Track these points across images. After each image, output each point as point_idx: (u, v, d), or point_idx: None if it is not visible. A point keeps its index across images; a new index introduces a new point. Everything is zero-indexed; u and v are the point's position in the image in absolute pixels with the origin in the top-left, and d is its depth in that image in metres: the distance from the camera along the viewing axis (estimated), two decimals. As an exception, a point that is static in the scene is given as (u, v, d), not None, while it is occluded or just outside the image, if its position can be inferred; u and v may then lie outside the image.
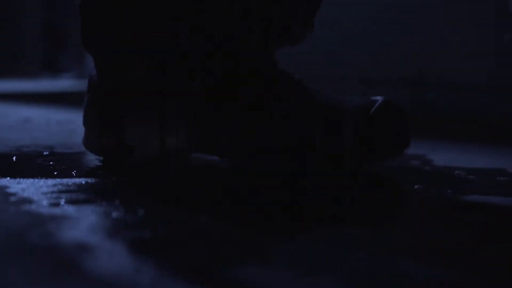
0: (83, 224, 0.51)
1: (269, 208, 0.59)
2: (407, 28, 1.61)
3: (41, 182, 0.66)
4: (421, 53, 1.59)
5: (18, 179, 0.68)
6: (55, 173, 0.72)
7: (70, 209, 0.55)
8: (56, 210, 0.55)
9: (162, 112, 0.75)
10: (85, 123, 0.78)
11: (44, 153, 0.86)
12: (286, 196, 0.65)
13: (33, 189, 0.63)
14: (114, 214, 0.54)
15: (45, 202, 0.58)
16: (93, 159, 0.82)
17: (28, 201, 0.58)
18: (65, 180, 0.67)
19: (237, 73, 0.75)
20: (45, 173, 0.71)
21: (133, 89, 0.75)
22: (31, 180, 0.67)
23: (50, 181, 0.67)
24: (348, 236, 0.51)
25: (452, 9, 1.54)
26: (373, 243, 0.49)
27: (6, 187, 0.64)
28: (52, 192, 0.62)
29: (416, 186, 0.70)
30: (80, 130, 0.81)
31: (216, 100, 0.75)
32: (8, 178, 0.68)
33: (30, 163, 0.79)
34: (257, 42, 0.76)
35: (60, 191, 0.62)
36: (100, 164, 0.79)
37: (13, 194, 0.61)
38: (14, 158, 0.82)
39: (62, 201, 0.58)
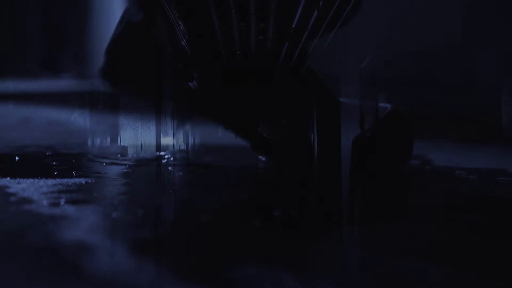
0: (83, 224, 0.51)
1: (269, 208, 0.59)
2: (408, 28, 1.61)
3: (41, 182, 0.66)
4: (422, 53, 1.59)
5: (18, 179, 0.68)
6: (55, 173, 0.72)
7: (70, 209, 0.55)
8: (56, 210, 0.55)
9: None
10: (108, 51, 0.77)
11: (47, 153, 0.86)
12: (286, 196, 0.65)
13: (33, 189, 0.63)
14: (114, 214, 0.54)
15: (45, 202, 0.58)
16: (93, 159, 0.82)
17: (28, 201, 0.58)
18: (65, 180, 0.67)
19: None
20: (45, 173, 0.71)
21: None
22: (31, 180, 0.67)
23: (50, 181, 0.67)
24: (348, 236, 0.51)
25: (452, 9, 1.54)
26: (373, 243, 0.49)
27: (6, 187, 0.64)
28: (52, 192, 0.62)
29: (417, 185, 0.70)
30: (80, 131, 0.81)
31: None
32: (8, 178, 0.68)
33: (30, 163, 0.79)
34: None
35: (60, 191, 0.62)
36: (100, 164, 0.79)
37: (13, 194, 0.61)
38: (15, 158, 0.82)
39: (62, 201, 0.58)
